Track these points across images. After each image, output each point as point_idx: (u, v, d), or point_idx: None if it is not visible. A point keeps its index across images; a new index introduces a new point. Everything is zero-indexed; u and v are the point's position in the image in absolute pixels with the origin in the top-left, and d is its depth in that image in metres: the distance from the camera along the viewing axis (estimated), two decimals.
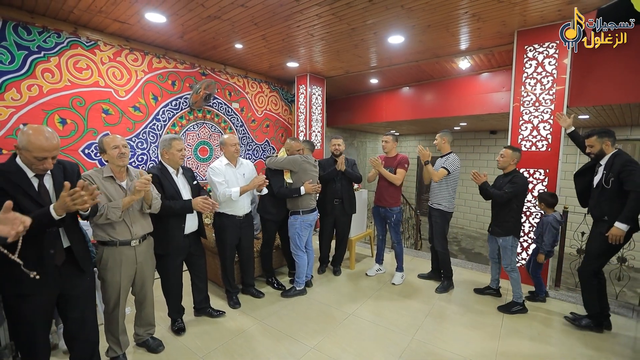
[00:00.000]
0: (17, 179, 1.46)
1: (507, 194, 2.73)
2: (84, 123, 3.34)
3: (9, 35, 2.84)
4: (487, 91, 4.94)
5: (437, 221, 3.26)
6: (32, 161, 1.47)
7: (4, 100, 2.84)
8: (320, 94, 5.51)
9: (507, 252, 2.85)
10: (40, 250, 1.52)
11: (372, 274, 3.71)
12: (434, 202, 3.27)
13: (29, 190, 1.48)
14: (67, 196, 1.39)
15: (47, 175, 1.59)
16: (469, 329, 2.62)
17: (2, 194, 1.39)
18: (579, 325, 2.61)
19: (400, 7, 2.84)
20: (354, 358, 2.25)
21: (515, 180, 2.75)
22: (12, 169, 1.48)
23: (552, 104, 3.18)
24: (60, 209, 1.41)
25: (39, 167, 1.50)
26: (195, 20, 3.15)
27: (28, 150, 1.45)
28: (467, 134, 8.95)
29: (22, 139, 1.46)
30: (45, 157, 1.48)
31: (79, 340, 1.79)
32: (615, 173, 2.35)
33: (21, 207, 1.41)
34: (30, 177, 1.52)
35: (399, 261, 3.57)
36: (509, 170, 2.86)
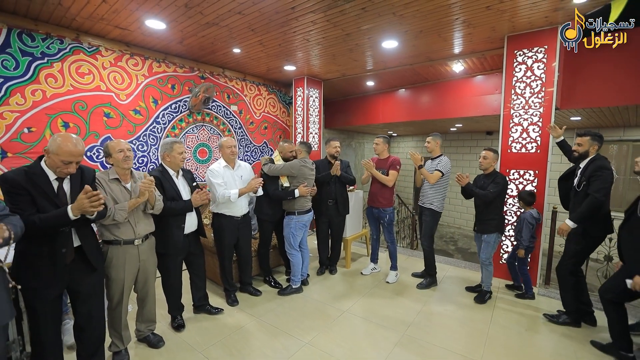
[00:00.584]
0: (40, 181, 1.60)
1: (492, 193, 2.90)
2: (86, 126, 3.43)
3: (14, 42, 2.94)
4: (481, 93, 5.03)
5: (427, 220, 3.37)
6: (58, 164, 1.61)
7: (8, 105, 2.93)
8: (318, 96, 5.61)
9: (488, 247, 3.05)
10: (53, 248, 1.64)
11: (367, 272, 3.81)
12: (426, 202, 3.38)
13: (48, 191, 1.62)
14: (85, 198, 1.53)
15: (66, 178, 1.72)
16: (459, 325, 2.72)
17: (24, 193, 1.53)
18: (557, 322, 2.71)
19: (392, 14, 2.94)
20: (346, 353, 2.34)
21: (498, 181, 2.94)
22: (37, 170, 1.62)
23: (541, 107, 3.27)
24: (76, 209, 1.55)
25: (63, 170, 1.63)
26: (194, 27, 3.24)
27: (57, 154, 1.59)
28: (463, 134, 9.04)
29: (52, 144, 1.60)
30: (71, 161, 1.63)
31: (86, 334, 1.90)
32: (587, 177, 2.46)
33: (39, 206, 1.56)
34: (52, 180, 1.65)
35: (393, 260, 3.66)
36: (490, 170, 3.04)
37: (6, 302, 1.40)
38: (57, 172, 1.65)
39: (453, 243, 8.31)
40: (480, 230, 3.08)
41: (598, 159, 2.50)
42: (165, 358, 2.27)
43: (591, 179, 2.42)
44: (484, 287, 3.14)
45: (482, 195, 2.94)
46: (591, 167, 2.47)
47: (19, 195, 1.52)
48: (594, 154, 2.55)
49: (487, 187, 2.96)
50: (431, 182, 3.26)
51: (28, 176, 1.58)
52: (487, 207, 3.00)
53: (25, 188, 1.55)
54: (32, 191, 1.56)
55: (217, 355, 2.30)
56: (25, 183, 1.55)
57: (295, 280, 3.27)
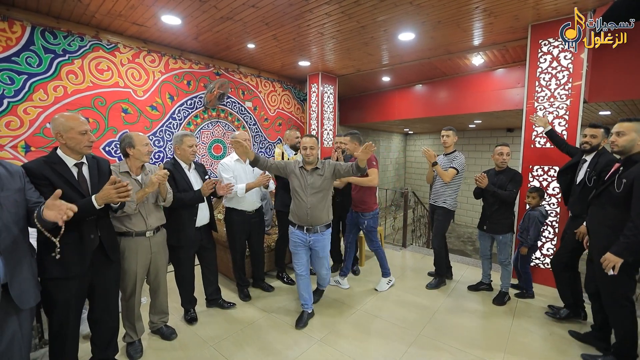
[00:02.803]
0: (60, 169, 1.62)
1: (515, 193, 2.80)
2: (105, 122, 3.51)
3: (37, 40, 3.03)
4: (502, 87, 4.84)
5: (439, 219, 3.25)
6: (78, 139, 1.64)
7: (32, 100, 3.03)
8: (332, 93, 5.55)
9: (507, 248, 2.94)
10: (81, 235, 1.67)
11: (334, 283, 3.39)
12: (439, 200, 3.26)
13: (70, 178, 1.64)
14: (112, 188, 1.55)
15: (85, 165, 1.75)
16: (476, 326, 2.60)
17: (47, 183, 1.55)
18: (559, 317, 2.66)
19: (409, 4, 2.84)
20: (359, 352, 2.28)
21: (518, 179, 2.85)
22: (56, 160, 1.64)
23: (568, 99, 3.09)
24: (101, 199, 1.57)
25: (85, 143, 1.66)
26: (209, 22, 3.25)
27: (71, 129, 1.62)
28: (483, 132, 8.76)
29: (59, 126, 1.62)
30: (86, 130, 1.66)
31: (102, 325, 1.94)
32: (597, 172, 2.33)
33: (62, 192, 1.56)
34: (71, 167, 1.67)
35: (383, 267, 3.32)
36: (503, 167, 2.94)
37: (32, 286, 1.44)
38: (82, 148, 1.67)
39: (471, 243, 8.07)
40: (492, 230, 2.94)
41: (605, 152, 2.41)
42: (178, 350, 2.28)
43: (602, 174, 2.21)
44: (503, 288, 3.00)
45: (505, 195, 2.80)
46: (601, 160, 2.35)
47: (41, 186, 1.54)
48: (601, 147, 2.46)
49: (506, 186, 2.84)
50: (446, 181, 3.13)
51: (48, 165, 1.60)
52: (503, 207, 2.87)
53: (47, 177, 1.56)
54: (53, 179, 1.57)
55: (228, 349, 2.29)
56: (45, 172, 1.57)
57: (304, 305, 2.69)
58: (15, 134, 2.95)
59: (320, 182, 2.45)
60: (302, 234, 2.53)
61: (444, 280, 3.40)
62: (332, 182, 2.55)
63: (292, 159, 3.32)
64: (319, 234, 2.52)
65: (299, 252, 2.58)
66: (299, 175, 2.49)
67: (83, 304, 1.82)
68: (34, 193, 1.48)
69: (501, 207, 2.88)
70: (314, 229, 2.50)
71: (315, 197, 2.45)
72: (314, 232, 2.51)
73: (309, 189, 2.45)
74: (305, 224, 2.50)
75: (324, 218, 2.51)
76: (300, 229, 2.53)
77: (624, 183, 1.89)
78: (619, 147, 1.94)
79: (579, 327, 2.53)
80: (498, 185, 2.88)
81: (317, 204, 2.45)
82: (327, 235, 2.58)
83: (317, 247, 2.55)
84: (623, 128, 1.91)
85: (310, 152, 2.44)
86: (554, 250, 3.20)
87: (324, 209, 2.51)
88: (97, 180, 1.77)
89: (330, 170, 2.48)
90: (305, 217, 2.47)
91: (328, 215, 2.55)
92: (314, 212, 2.45)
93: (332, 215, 2.58)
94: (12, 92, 2.92)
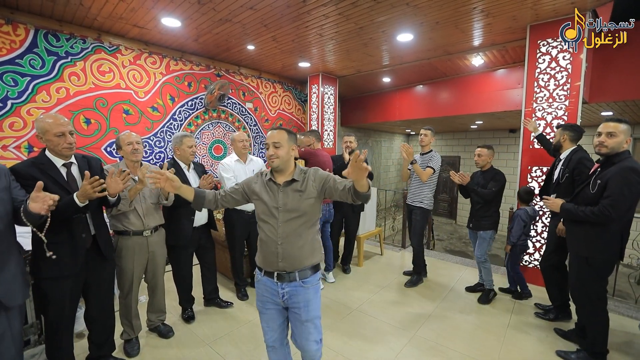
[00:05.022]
0: (48, 169, 1.64)
1: (494, 192, 2.87)
2: (107, 123, 3.56)
3: (40, 42, 3.09)
4: (502, 88, 4.82)
5: (417, 219, 3.29)
6: (55, 141, 1.64)
7: (35, 102, 3.08)
8: (333, 93, 5.57)
9: (484, 244, 3.00)
10: (72, 234, 1.69)
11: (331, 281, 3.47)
12: (416, 201, 3.29)
13: (58, 178, 1.65)
14: (87, 184, 1.54)
15: (74, 165, 1.76)
16: (472, 327, 2.60)
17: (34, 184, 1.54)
18: (549, 318, 2.67)
19: (406, 5, 2.85)
20: (353, 351, 2.29)
21: (498, 178, 2.90)
22: (44, 160, 1.66)
23: (567, 100, 3.08)
24: (81, 196, 1.57)
25: (63, 145, 1.65)
26: (208, 24, 3.29)
27: (47, 131, 1.62)
28: (485, 132, 8.72)
29: (38, 127, 1.64)
30: (63, 132, 1.64)
31: (98, 323, 1.97)
32: (570, 169, 2.37)
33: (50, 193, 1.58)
34: (59, 167, 1.69)
35: (326, 262, 3.41)
36: (487, 168, 2.99)
37: (19, 283, 1.44)
38: (60, 150, 1.66)
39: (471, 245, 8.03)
40: (475, 227, 3.02)
41: (579, 150, 2.47)
42: (174, 348, 2.31)
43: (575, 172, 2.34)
44: (486, 285, 3.04)
45: (484, 194, 2.88)
46: (574, 158, 2.42)
47: (29, 186, 1.55)
48: (570, 144, 2.54)
49: (488, 185, 2.90)
50: (424, 180, 3.16)
51: (36, 166, 1.61)
52: (486, 204, 2.93)
53: (35, 177, 1.55)
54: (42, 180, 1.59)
55: (224, 348, 2.31)
56: (33, 173, 1.58)
57: None
58: (18, 134, 3.01)
59: (297, 201, 1.51)
60: (271, 283, 1.57)
61: (422, 279, 3.45)
62: (319, 205, 1.59)
63: None
64: (297, 283, 1.54)
65: (267, 312, 1.62)
66: (265, 191, 1.57)
67: (77, 302, 1.85)
68: (20, 191, 1.49)
69: (484, 205, 2.94)
70: (288, 276, 1.53)
71: (290, 225, 1.51)
72: (289, 281, 1.54)
73: (281, 213, 1.52)
74: (274, 269, 1.54)
75: (306, 258, 1.55)
76: (268, 275, 1.58)
77: (598, 184, 1.93)
78: (608, 149, 1.92)
79: (564, 325, 2.57)
80: (481, 184, 2.94)
81: (292, 236, 1.52)
82: (312, 286, 1.57)
83: (296, 306, 1.55)
84: (616, 129, 1.90)
85: (274, 152, 1.51)
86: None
87: (306, 245, 1.54)
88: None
89: (317, 185, 1.53)
90: (273, 257, 1.53)
91: (313, 254, 1.57)
92: (288, 250, 1.52)
93: (320, 255, 1.63)
94: (16, 93, 2.97)
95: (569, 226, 2.15)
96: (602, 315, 2.02)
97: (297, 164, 1.63)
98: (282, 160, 1.53)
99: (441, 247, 7.82)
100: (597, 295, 2.01)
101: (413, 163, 3.18)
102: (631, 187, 1.81)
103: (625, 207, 1.83)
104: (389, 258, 4.31)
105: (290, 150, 1.56)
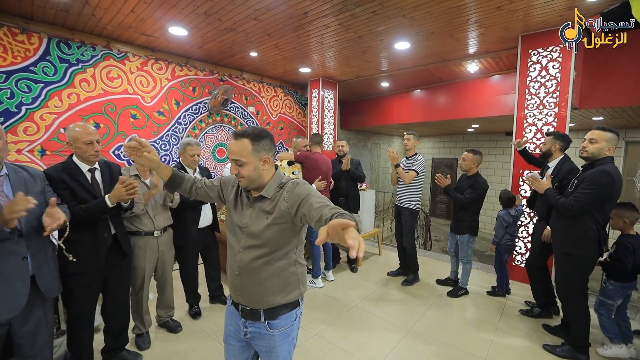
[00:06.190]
0: (75, 173, 1.81)
1: (467, 199, 3.00)
2: (115, 127, 3.70)
3: (53, 50, 3.22)
4: (497, 93, 4.97)
5: (407, 219, 3.43)
6: (83, 148, 1.80)
7: (47, 107, 3.22)
8: (333, 97, 5.71)
9: (463, 247, 3.16)
10: (96, 233, 1.85)
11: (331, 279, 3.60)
12: (404, 202, 3.43)
13: (84, 182, 1.82)
14: (122, 187, 1.73)
15: (97, 170, 1.93)
16: (467, 324, 2.74)
17: (64, 187, 1.74)
18: (532, 315, 2.82)
19: (403, 17, 3.00)
20: (352, 345, 2.42)
21: (476, 187, 3.00)
22: (71, 165, 1.83)
23: (556, 107, 3.23)
24: (114, 198, 1.76)
25: (90, 152, 1.82)
26: (213, 33, 3.43)
27: (77, 139, 1.79)
28: (482, 135, 8.87)
29: (69, 135, 1.80)
30: (91, 140, 1.81)
31: (114, 317, 2.11)
32: (559, 179, 2.49)
33: (78, 196, 1.77)
34: (85, 172, 1.86)
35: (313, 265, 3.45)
36: (472, 172, 3.11)
37: (55, 277, 1.61)
38: (87, 157, 1.82)
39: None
40: (453, 230, 3.20)
41: (567, 160, 2.60)
42: (182, 342, 2.44)
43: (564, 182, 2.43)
44: (460, 283, 3.25)
45: (458, 199, 3.04)
46: (564, 168, 2.54)
47: (60, 189, 1.72)
48: (559, 153, 2.66)
49: (465, 192, 3.04)
50: (407, 182, 3.33)
51: (65, 171, 1.78)
52: (462, 210, 3.09)
53: (64, 181, 1.75)
54: (70, 183, 1.76)
55: None
56: (63, 177, 1.75)
57: None
58: (31, 138, 3.14)
59: (262, 226, 1.19)
60: (236, 315, 1.31)
61: (418, 277, 3.58)
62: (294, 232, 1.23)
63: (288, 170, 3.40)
64: (261, 324, 1.24)
65: (229, 346, 1.37)
66: (235, 202, 1.31)
67: (98, 297, 2.00)
68: (52, 195, 1.64)
69: (461, 209, 3.09)
70: (251, 313, 1.25)
71: (248, 254, 1.22)
72: (253, 320, 1.25)
73: (243, 237, 1.23)
74: (237, 301, 1.29)
75: (272, 296, 1.22)
76: (235, 305, 1.32)
77: (575, 183, 2.14)
78: (588, 154, 2.10)
79: (550, 322, 2.72)
80: (464, 188, 3.08)
81: (250, 269, 1.22)
82: (279, 331, 1.25)
83: (260, 349, 1.29)
84: (596, 136, 2.07)
85: (237, 171, 1.19)
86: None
87: (270, 280, 1.22)
88: (109, 184, 1.94)
89: (291, 207, 1.16)
90: (233, 287, 1.29)
91: (283, 291, 1.24)
92: (246, 284, 1.23)
93: (299, 291, 1.28)
94: (30, 99, 3.11)
95: (554, 224, 2.30)
96: (583, 311, 2.17)
97: (277, 174, 1.26)
98: (251, 180, 1.19)
99: (438, 247, 7.96)
100: (578, 292, 2.17)
101: (397, 167, 3.35)
102: (600, 186, 1.97)
103: (589, 204, 2.01)
104: (387, 258, 4.45)
105: (261, 163, 1.19)
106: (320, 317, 2.82)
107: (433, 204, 10.28)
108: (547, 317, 2.78)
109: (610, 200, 2.03)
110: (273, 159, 1.26)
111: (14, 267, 1.40)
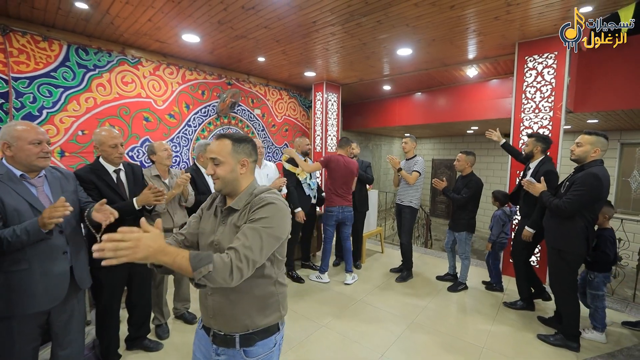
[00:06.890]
0: (103, 174, 1.97)
1: (464, 198, 3.17)
2: (129, 129, 3.85)
3: (72, 57, 3.38)
4: (495, 97, 5.14)
5: (406, 217, 3.59)
6: (109, 151, 1.96)
7: (67, 111, 3.37)
8: (336, 100, 5.88)
9: (461, 244, 3.33)
10: None
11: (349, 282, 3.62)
12: (405, 200, 3.60)
13: (110, 183, 1.98)
14: (150, 193, 1.90)
15: (122, 171, 2.08)
16: (466, 316, 2.90)
17: (93, 187, 1.89)
18: (515, 308, 2.99)
19: (406, 26, 3.16)
20: (358, 335, 2.58)
21: (470, 186, 3.16)
22: (99, 166, 1.99)
23: (551, 111, 3.39)
24: (140, 202, 1.92)
25: (115, 155, 1.98)
26: (225, 40, 3.59)
27: (103, 142, 1.95)
28: (481, 137, 9.03)
29: (96, 139, 1.96)
30: (116, 143, 1.98)
31: (137, 307, 2.26)
32: (537, 179, 2.65)
33: (104, 196, 1.90)
34: (110, 172, 2.01)
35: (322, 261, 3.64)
36: (466, 173, 3.27)
37: (87, 270, 1.75)
38: (112, 159, 1.98)
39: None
40: (451, 227, 3.38)
41: (547, 161, 2.77)
42: None
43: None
44: (460, 278, 3.41)
45: (455, 199, 3.21)
46: (542, 169, 2.71)
47: (89, 189, 1.87)
48: (540, 155, 2.83)
49: (461, 191, 3.21)
50: (411, 183, 3.49)
51: (93, 172, 1.94)
52: (459, 209, 3.26)
53: (93, 182, 1.90)
54: (98, 184, 1.92)
55: None
56: (92, 178, 1.91)
57: None
58: (52, 141, 3.29)
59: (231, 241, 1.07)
60: (206, 341, 1.20)
61: (411, 274, 3.73)
62: None
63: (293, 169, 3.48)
64: (235, 351, 1.13)
65: None
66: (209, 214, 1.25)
67: (123, 289, 2.15)
68: (83, 194, 1.80)
69: (459, 208, 3.26)
70: (225, 340, 1.13)
71: None
72: (226, 346, 1.13)
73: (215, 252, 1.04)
74: (207, 323, 1.19)
75: (247, 318, 1.12)
76: (205, 330, 1.21)
77: (566, 185, 2.31)
78: (575, 156, 2.29)
79: (545, 313, 2.89)
80: (459, 188, 3.25)
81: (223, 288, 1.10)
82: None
83: None
84: (580, 139, 2.26)
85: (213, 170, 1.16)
86: None
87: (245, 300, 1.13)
88: (132, 184, 2.10)
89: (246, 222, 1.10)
90: (204, 309, 1.19)
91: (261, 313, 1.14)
92: (218, 305, 1.14)
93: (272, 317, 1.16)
94: (50, 103, 3.27)
95: (547, 223, 2.47)
96: (573, 302, 2.35)
97: (251, 184, 1.19)
98: (225, 182, 1.14)
99: (438, 246, 8.11)
100: (568, 285, 2.34)
101: (399, 171, 3.52)
102: (589, 189, 2.15)
103: (580, 206, 2.18)
104: (389, 256, 4.61)
105: (239, 166, 1.15)
106: (328, 310, 2.98)
107: (433, 205, 10.44)
108: (530, 309, 2.95)
109: (599, 200, 2.21)
110: (252, 166, 1.21)
111: (56, 260, 1.55)
